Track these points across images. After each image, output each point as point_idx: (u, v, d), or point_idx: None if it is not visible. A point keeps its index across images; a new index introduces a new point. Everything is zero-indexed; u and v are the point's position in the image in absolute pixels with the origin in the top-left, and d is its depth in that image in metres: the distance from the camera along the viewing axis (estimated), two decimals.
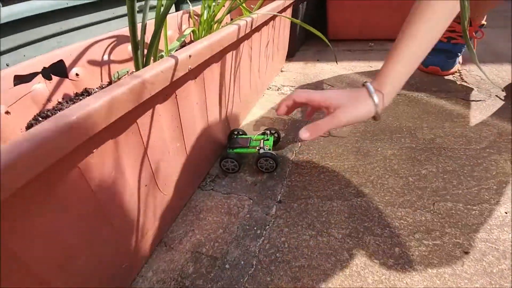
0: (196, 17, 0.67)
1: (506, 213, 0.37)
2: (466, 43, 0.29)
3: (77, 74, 0.43)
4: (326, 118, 0.35)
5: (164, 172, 0.34)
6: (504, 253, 0.32)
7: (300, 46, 1.09)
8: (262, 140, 0.47)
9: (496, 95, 0.60)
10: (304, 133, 0.36)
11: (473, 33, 0.68)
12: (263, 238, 0.36)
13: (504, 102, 0.59)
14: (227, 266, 0.33)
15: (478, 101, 0.61)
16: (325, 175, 0.45)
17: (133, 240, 0.31)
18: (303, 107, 0.46)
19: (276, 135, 0.51)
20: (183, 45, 0.55)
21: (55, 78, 0.41)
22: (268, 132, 0.50)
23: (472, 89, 0.65)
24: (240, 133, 0.51)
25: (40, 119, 0.37)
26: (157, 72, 0.27)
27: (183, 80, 0.34)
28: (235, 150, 0.46)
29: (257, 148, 0.46)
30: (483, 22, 0.69)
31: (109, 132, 0.24)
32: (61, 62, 0.42)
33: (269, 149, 0.46)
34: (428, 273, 0.30)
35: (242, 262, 0.33)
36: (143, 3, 0.35)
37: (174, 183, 0.37)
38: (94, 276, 0.26)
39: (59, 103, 0.41)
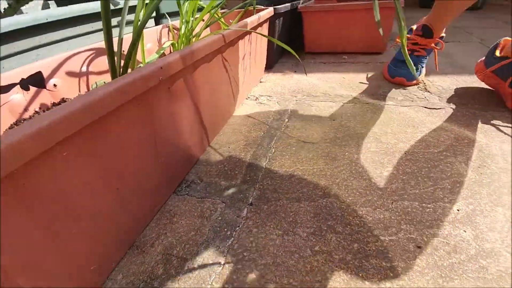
0: (176, 31, 0.70)
1: (458, 210, 0.40)
2: (405, 57, 0.33)
3: (55, 85, 0.45)
4: None
5: (137, 177, 0.35)
6: (454, 248, 0.35)
7: (278, 58, 1.14)
8: None
9: (451, 107, 0.66)
10: None
11: (434, 44, 0.75)
12: (232, 238, 0.38)
13: (453, 109, 0.65)
14: (195, 266, 0.34)
15: (438, 109, 0.66)
16: (295, 178, 0.48)
17: (103, 244, 0.32)
18: None
19: None
20: (162, 57, 0.58)
21: (33, 89, 0.43)
22: None
23: (434, 98, 0.71)
24: None
25: (16, 127, 0.38)
26: (128, 81, 0.30)
27: (155, 90, 0.36)
28: None
29: None
30: (443, 34, 0.75)
31: (81, 136, 0.25)
32: (39, 73, 0.43)
33: None
34: (382, 267, 0.33)
35: (211, 262, 0.35)
36: (119, 18, 0.38)
37: (148, 188, 0.39)
38: (61, 278, 0.27)
39: (36, 112, 0.42)
